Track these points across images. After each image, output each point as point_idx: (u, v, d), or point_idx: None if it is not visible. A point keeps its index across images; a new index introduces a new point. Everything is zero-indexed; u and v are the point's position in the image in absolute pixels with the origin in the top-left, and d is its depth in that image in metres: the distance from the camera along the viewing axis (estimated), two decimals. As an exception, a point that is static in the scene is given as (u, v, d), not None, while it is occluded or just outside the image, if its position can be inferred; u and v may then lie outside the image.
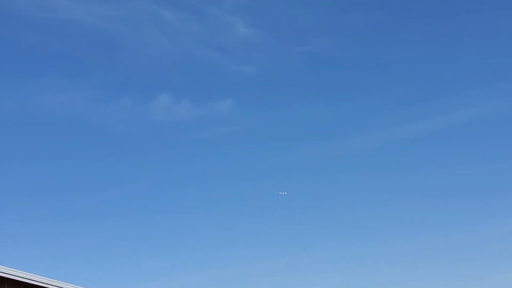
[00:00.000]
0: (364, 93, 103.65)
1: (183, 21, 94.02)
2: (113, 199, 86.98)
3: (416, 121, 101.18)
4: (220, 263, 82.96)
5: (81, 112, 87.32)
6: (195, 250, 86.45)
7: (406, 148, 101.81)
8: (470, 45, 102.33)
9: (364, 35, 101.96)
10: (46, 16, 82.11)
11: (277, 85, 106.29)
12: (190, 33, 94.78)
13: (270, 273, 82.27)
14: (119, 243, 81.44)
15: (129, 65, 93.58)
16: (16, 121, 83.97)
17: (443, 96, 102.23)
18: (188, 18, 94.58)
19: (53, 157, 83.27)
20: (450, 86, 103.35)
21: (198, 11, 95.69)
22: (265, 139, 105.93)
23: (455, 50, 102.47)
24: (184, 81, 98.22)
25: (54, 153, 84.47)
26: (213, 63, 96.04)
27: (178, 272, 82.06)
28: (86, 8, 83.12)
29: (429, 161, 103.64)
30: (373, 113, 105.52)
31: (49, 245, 74.48)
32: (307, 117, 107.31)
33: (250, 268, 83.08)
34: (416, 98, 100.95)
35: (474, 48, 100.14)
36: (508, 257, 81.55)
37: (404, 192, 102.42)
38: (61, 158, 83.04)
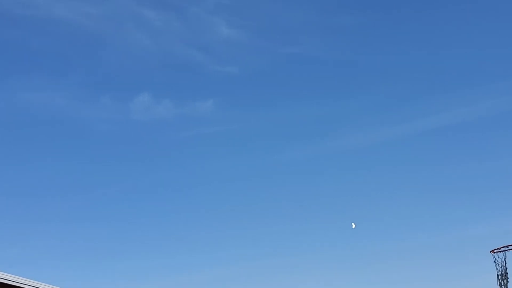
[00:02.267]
0: (352, 94, 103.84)
1: (165, 20, 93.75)
2: (94, 201, 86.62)
3: (405, 121, 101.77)
4: (207, 264, 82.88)
5: (62, 111, 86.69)
6: (179, 251, 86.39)
7: (396, 147, 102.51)
8: (460, 45, 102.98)
9: (351, 36, 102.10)
10: (27, 13, 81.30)
11: (260, 86, 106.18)
12: (171, 32, 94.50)
13: (260, 273, 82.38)
14: (100, 244, 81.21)
15: (110, 63, 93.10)
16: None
17: (432, 96, 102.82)
18: (170, 17, 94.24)
19: (32, 157, 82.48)
20: (439, 86, 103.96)
21: (180, 10, 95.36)
22: (248, 140, 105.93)
23: (445, 51, 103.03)
24: (165, 80, 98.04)
25: (33, 152, 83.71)
26: (195, 62, 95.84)
27: (161, 273, 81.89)
28: (68, 5, 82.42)
29: (420, 160, 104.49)
30: (361, 113, 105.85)
31: (30, 246, 74.14)
32: (291, 117, 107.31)
33: (240, 268, 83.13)
34: (405, 98, 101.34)
35: (465, 48, 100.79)
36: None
37: (396, 190, 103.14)
38: (41, 157, 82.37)
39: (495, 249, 20.71)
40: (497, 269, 20.47)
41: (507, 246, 19.98)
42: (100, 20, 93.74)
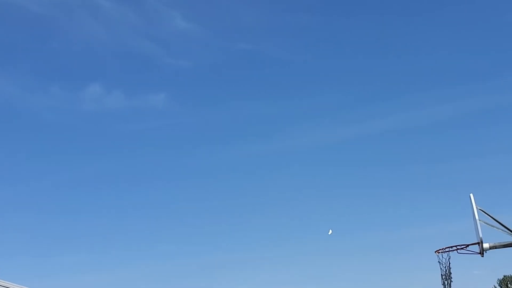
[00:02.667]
0: (305, 94, 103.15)
1: (120, 11, 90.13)
2: (39, 190, 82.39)
3: (357, 122, 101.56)
4: (146, 259, 79.67)
5: (9, 99, 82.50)
6: (120, 246, 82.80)
7: (345, 147, 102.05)
8: (419, 45, 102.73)
9: (308, 37, 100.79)
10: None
11: (213, 81, 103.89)
12: (126, 23, 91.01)
13: (197, 270, 79.60)
14: (36, 238, 76.99)
15: (61, 52, 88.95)
16: None
17: (388, 98, 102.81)
18: (125, 8, 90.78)
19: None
20: (392, 89, 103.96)
21: (136, 1, 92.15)
22: (198, 135, 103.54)
23: (399, 56, 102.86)
24: (117, 71, 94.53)
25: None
26: (149, 55, 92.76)
27: (96, 267, 78.13)
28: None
29: (370, 160, 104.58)
30: (313, 113, 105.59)
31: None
32: (243, 115, 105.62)
33: (177, 265, 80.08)
34: (358, 100, 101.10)
35: (423, 49, 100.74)
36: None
37: (345, 189, 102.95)
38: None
39: (440, 250, 19.17)
40: (441, 269, 19.00)
41: (451, 247, 18.56)
42: (52, 6, 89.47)
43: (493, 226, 17.01)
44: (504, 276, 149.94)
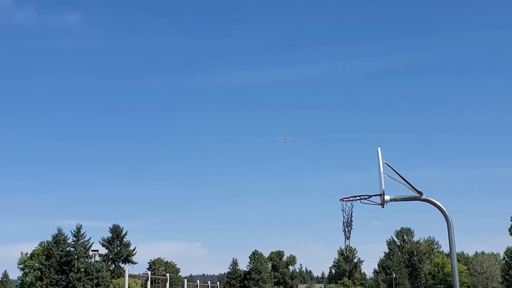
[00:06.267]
0: (228, 31, 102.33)
1: None
2: None
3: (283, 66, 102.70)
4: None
5: None
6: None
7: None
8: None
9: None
10: None
11: (133, 6, 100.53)
12: None
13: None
14: None
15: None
16: None
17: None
18: None
19: None
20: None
21: None
22: (111, 61, 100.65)
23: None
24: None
25: None
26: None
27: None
28: None
29: (281, 105, 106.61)
30: (233, 52, 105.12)
31: None
32: (159, 46, 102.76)
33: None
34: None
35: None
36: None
37: (258, 132, 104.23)
38: None
39: (344, 198, 19.98)
40: (343, 216, 19.86)
41: (354, 196, 19.39)
42: None
43: (396, 180, 17.85)
44: (401, 228, 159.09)
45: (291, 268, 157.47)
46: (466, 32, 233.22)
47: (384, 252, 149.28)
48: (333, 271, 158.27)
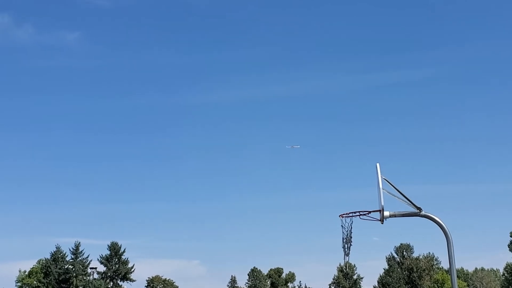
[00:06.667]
0: (227, 46, 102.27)
1: None
2: None
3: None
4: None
5: None
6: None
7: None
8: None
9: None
10: None
11: (131, 24, 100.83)
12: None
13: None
14: None
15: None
16: None
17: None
18: None
19: None
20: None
21: None
22: (110, 79, 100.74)
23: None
24: (28, 3, 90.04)
25: None
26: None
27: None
28: None
29: (278, 119, 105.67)
30: (230, 67, 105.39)
31: None
32: (157, 63, 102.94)
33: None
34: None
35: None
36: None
37: (257, 146, 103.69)
38: None
39: (344, 214, 20.02)
40: (343, 232, 19.88)
41: (354, 212, 19.43)
42: None
43: (395, 196, 17.89)
44: (401, 244, 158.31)
45: (290, 285, 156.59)
46: (462, 46, 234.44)
47: (384, 269, 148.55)
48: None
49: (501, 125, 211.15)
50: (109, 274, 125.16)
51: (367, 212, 18.56)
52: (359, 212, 18.90)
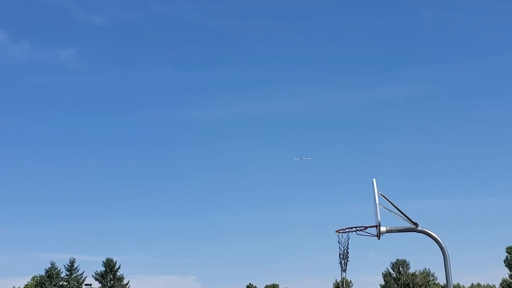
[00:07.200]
0: (221, 62, 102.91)
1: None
2: None
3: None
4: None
5: None
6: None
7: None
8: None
9: (228, 3, 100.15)
10: None
11: (127, 42, 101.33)
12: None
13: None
14: None
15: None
16: None
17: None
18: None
19: None
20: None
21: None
22: (107, 95, 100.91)
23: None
24: (25, 20, 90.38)
25: None
26: (61, 7, 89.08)
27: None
28: None
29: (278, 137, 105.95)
30: (228, 83, 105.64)
31: None
32: (154, 79, 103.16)
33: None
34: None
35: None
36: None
37: (256, 164, 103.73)
38: None
39: (340, 230, 20.04)
40: (339, 248, 19.87)
41: (351, 228, 19.45)
42: None
43: (391, 211, 17.93)
44: (397, 259, 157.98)
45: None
46: (462, 62, 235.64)
47: (380, 285, 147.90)
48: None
49: (498, 141, 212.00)
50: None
51: (363, 228, 18.59)
52: (355, 227, 18.93)
